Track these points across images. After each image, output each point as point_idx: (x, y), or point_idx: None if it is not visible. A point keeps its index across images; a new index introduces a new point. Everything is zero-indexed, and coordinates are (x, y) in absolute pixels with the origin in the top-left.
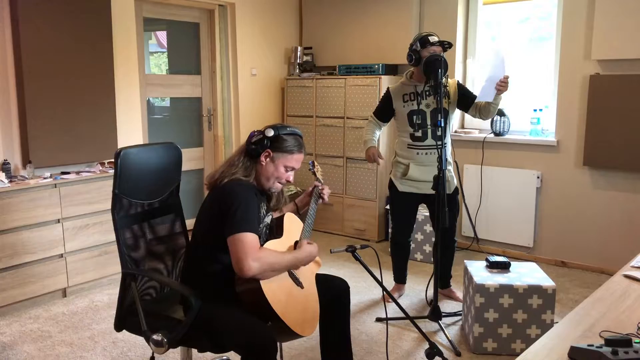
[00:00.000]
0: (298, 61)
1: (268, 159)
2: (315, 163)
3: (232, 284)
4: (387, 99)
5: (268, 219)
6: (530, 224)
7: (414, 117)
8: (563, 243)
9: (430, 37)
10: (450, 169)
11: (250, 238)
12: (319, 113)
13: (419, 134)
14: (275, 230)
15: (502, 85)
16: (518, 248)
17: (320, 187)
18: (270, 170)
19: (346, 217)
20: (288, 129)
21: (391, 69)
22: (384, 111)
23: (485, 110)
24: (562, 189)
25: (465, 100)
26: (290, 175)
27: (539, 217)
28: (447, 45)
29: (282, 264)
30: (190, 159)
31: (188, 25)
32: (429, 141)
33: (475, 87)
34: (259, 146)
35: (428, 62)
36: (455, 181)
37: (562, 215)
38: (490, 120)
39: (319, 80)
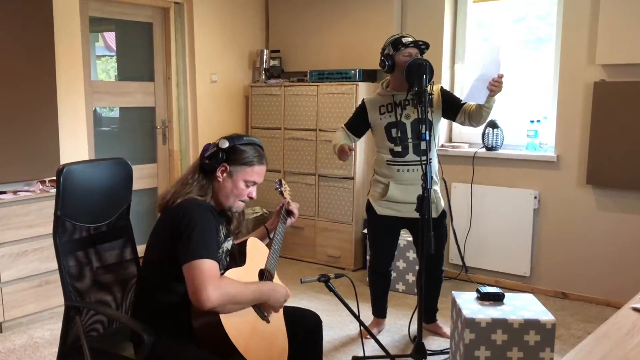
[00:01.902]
0: (264, 66)
1: (225, 174)
2: (283, 181)
3: (189, 317)
4: (361, 110)
5: (228, 244)
6: (527, 250)
7: (393, 130)
8: (564, 272)
9: (403, 39)
10: (437, 189)
11: (209, 265)
12: (288, 125)
13: (398, 148)
14: (237, 257)
15: (495, 85)
16: (513, 277)
17: (286, 202)
18: (228, 187)
19: (318, 242)
20: (245, 138)
21: (369, 75)
22: (358, 124)
23: (477, 115)
24: (563, 210)
25: (451, 106)
26: (253, 191)
27: (536, 243)
28: (423, 46)
29: (245, 296)
30: (142, 176)
31: (140, 26)
32: (411, 156)
33: (464, 94)
34: (213, 160)
35: (411, 68)
36: (443, 203)
37: (563, 240)
38: (481, 133)
39: (287, 87)
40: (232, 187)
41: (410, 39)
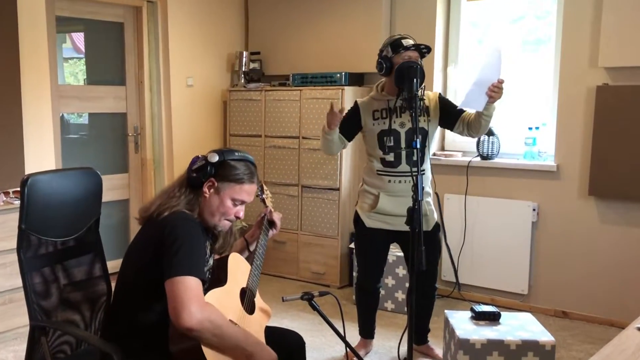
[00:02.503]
0: (243, 69)
1: (212, 190)
2: (265, 187)
3: (166, 340)
4: (354, 111)
5: (210, 261)
6: (525, 266)
7: (386, 138)
8: (564, 289)
9: (403, 41)
10: (430, 201)
11: (195, 283)
12: (269, 132)
13: (390, 158)
14: (218, 274)
15: (495, 92)
16: (510, 295)
17: (267, 212)
18: (214, 204)
19: (302, 257)
20: (237, 154)
21: (356, 79)
22: (350, 125)
23: (476, 124)
24: (563, 223)
25: (449, 115)
26: (240, 211)
27: (535, 258)
28: (424, 50)
29: (229, 333)
30: (113, 187)
31: (110, 26)
32: (404, 167)
33: (458, 99)
34: (201, 174)
35: (400, 71)
36: (436, 216)
37: (563, 255)
38: (476, 141)
39: (268, 92)
40: (218, 204)
41: (411, 42)
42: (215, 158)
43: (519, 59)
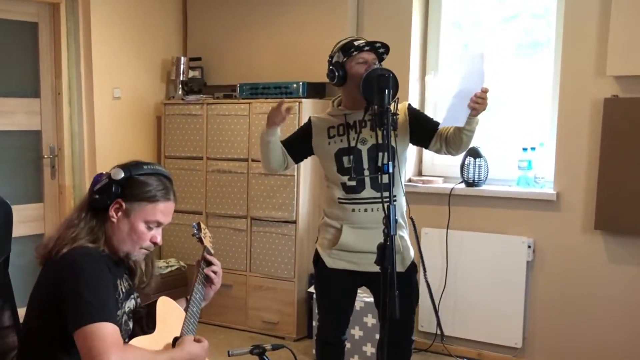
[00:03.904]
0: (181, 78)
1: (120, 213)
2: (202, 225)
3: None
4: (306, 129)
5: (131, 303)
6: (518, 313)
7: (345, 158)
8: (565, 341)
9: (355, 42)
10: (404, 234)
11: (109, 330)
12: (212, 153)
13: (352, 182)
14: (145, 322)
15: (478, 103)
16: (501, 349)
17: (203, 265)
18: (124, 230)
19: (251, 304)
20: (146, 167)
21: (316, 90)
22: (298, 141)
23: (456, 140)
24: (565, 263)
25: (423, 130)
26: (157, 235)
27: (530, 304)
28: (381, 49)
29: None
30: (25, 219)
31: (21, 26)
32: (368, 192)
33: (438, 116)
34: (105, 195)
35: (369, 80)
36: (412, 253)
37: (565, 301)
38: (460, 164)
39: (211, 105)
40: (129, 230)
41: (363, 41)
42: (120, 174)
43: (512, 66)
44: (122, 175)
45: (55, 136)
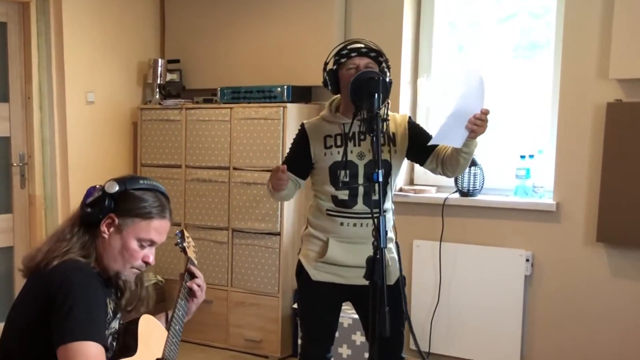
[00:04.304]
0: (159, 81)
1: (112, 229)
2: (186, 233)
3: None
4: (302, 139)
5: (116, 324)
6: (516, 331)
7: (339, 172)
8: None
9: (349, 46)
10: (393, 248)
11: (94, 350)
12: (192, 161)
13: (344, 196)
14: (125, 341)
15: (477, 124)
16: None
17: (187, 277)
18: (116, 247)
19: (233, 320)
20: (142, 182)
21: (301, 94)
22: (301, 159)
23: (453, 162)
24: (565, 277)
25: (421, 147)
26: (149, 255)
27: (528, 321)
28: (373, 54)
29: None
30: None
31: None
32: (360, 207)
33: (430, 122)
34: (97, 209)
35: (357, 84)
36: (398, 266)
37: (565, 317)
38: None
39: (190, 110)
40: (120, 247)
41: (354, 46)
42: (114, 188)
43: (509, 68)
44: (117, 188)
45: (25, 143)
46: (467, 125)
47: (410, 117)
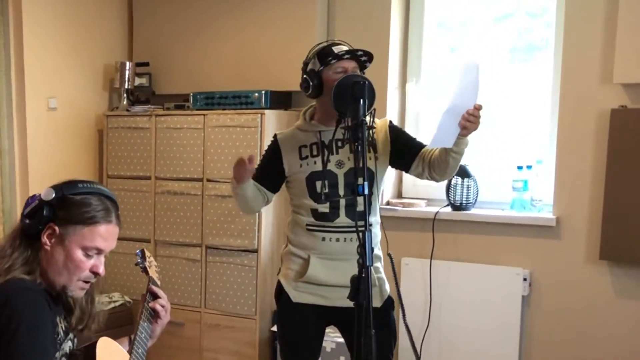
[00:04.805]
0: (126, 86)
1: (54, 240)
2: (147, 253)
3: None
4: (273, 152)
5: (67, 345)
6: (513, 355)
7: (318, 183)
8: None
9: (335, 47)
10: (380, 266)
11: None
12: (162, 172)
13: (325, 209)
14: None
15: (470, 121)
16: None
17: (149, 298)
18: (59, 259)
19: (207, 345)
20: (82, 185)
21: (281, 100)
22: (270, 170)
23: (441, 164)
24: (565, 298)
25: (404, 151)
26: (98, 264)
27: (526, 346)
28: (364, 58)
29: None
30: None
31: None
32: (343, 220)
33: (420, 129)
34: (36, 219)
35: (340, 88)
36: (388, 287)
37: (565, 341)
38: (445, 185)
39: (161, 117)
40: (64, 259)
41: (344, 48)
42: (51, 195)
43: (505, 72)
44: (54, 195)
45: None
46: (459, 121)
47: (390, 121)
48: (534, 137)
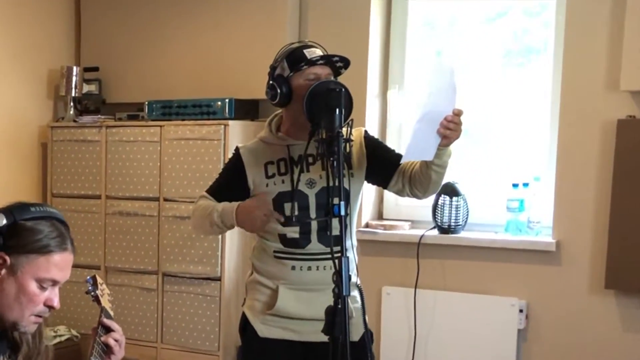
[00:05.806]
0: (73, 94)
1: (4, 271)
2: (99, 279)
3: None
4: (236, 168)
5: None
6: None
7: (286, 205)
8: None
9: (306, 51)
10: (357, 296)
11: None
12: (113, 191)
13: (294, 234)
14: None
15: (450, 128)
16: None
17: (101, 332)
18: (11, 292)
19: None
20: (34, 209)
21: (247, 109)
22: (232, 191)
23: (423, 179)
24: (566, 331)
25: (382, 165)
26: (53, 297)
27: None
28: (340, 63)
29: None
30: None
31: None
32: (315, 246)
33: (403, 141)
34: None
35: (315, 96)
36: (367, 319)
37: None
38: (432, 205)
39: (112, 128)
40: (16, 292)
41: (318, 52)
42: (1, 221)
43: (499, 78)
44: (4, 222)
45: None
46: (438, 129)
47: (365, 131)
48: (531, 151)
